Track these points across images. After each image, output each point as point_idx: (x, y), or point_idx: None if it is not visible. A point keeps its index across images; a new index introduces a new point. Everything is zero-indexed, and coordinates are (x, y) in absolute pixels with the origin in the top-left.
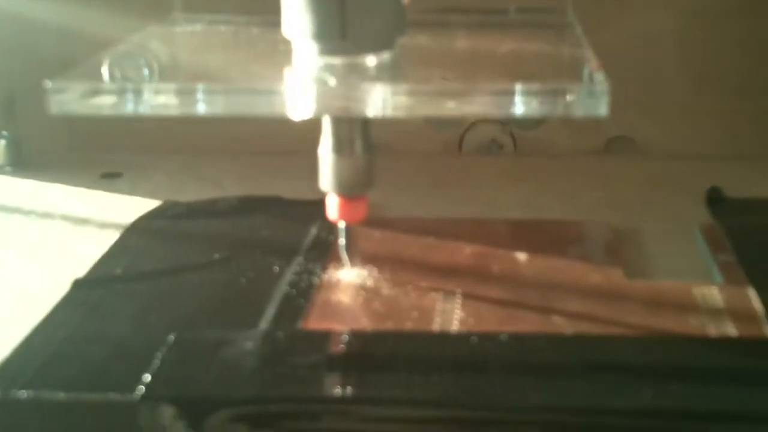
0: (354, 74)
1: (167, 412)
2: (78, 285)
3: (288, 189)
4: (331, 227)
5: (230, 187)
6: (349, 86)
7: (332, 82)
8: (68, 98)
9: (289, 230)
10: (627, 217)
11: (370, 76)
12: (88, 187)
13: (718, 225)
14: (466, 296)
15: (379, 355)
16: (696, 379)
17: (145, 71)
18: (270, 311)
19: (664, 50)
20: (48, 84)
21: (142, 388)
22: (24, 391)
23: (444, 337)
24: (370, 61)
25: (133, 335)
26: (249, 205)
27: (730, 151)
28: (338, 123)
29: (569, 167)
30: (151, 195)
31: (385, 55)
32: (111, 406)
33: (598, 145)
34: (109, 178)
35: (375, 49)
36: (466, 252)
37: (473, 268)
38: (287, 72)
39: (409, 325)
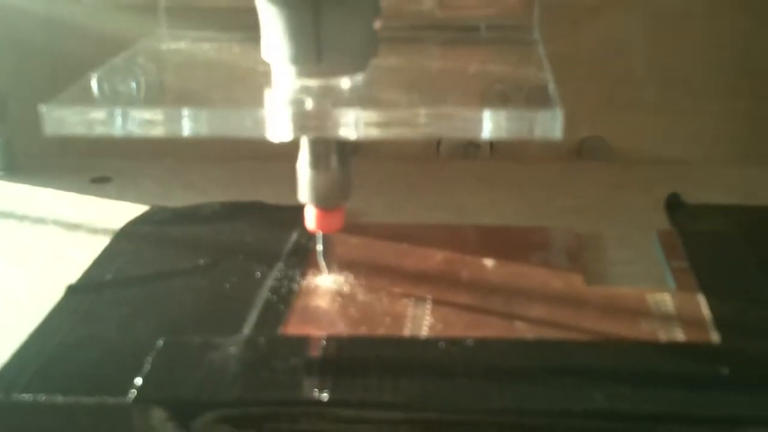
0: (329, 97)
1: (158, 415)
2: (71, 290)
3: (270, 195)
4: (310, 233)
5: (214, 192)
6: (323, 110)
7: (308, 105)
8: (62, 120)
9: (271, 236)
10: (591, 222)
11: (343, 98)
12: (79, 191)
13: (675, 231)
14: (436, 302)
15: (352, 359)
16: (645, 383)
17: (133, 87)
18: (252, 316)
19: (634, 53)
20: (42, 108)
21: (134, 392)
22: (23, 394)
23: (413, 342)
24: (345, 83)
25: (124, 339)
26: (232, 211)
27: (697, 154)
28: (314, 140)
29: (541, 171)
30: (139, 200)
31: (359, 77)
32: (105, 409)
33: (572, 143)
34: (98, 182)
35: (349, 71)
36: (436, 258)
37: (443, 274)
38: (267, 94)
39: (381, 331)
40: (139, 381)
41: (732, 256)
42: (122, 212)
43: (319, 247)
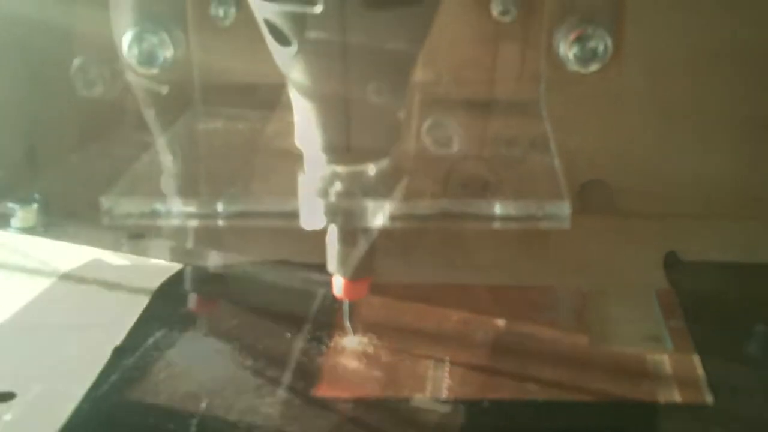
0: (356, 184)
1: None
2: (116, 351)
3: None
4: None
5: (244, 250)
6: (351, 202)
7: (338, 196)
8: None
9: (298, 295)
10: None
11: (370, 186)
12: (115, 248)
13: (673, 290)
14: (453, 363)
15: (379, 422)
16: None
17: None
18: (286, 377)
19: (635, 104)
20: (104, 202)
21: None
22: None
23: (435, 404)
24: (371, 169)
25: (168, 402)
26: (261, 270)
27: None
28: None
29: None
30: (170, 257)
31: (384, 162)
32: None
33: (575, 186)
34: (134, 239)
35: (375, 158)
36: (453, 318)
37: (459, 335)
38: (300, 181)
39: (405, 392)
40: None
41: (727, 315)
42: (157, 270)
43: (346, 314)
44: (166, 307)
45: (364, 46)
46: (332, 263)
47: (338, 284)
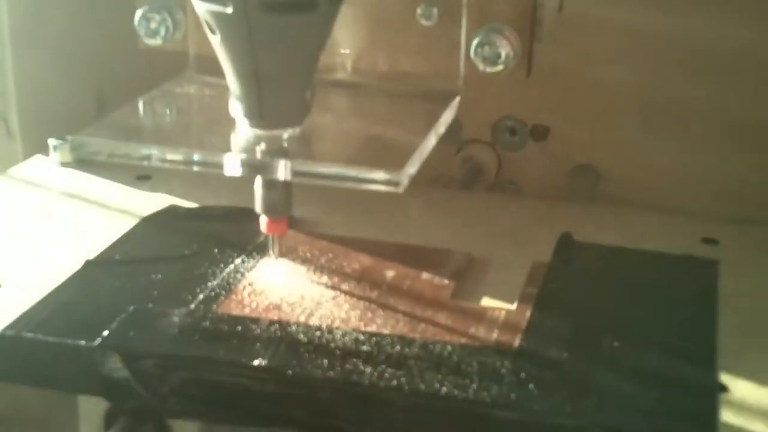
0: (274, 144)
1: (113, 358)
2: (87, 264)
3: None
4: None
5: (228, 196)
6: (264, 159)
7: (253, 153)
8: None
9: (246, 234)
10: (496, 251)
11: (282, 148)
12: (126, 183)
13: (551, 263)
14: (342, 295)
15: (251, 334)
16: (455, 373)
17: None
18: (201, 296)
19: (622, 96)
20: (72, 139)
21: (99, 340)
22: (27, 333)
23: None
24: (285, 134)
25: (110, 305)
26: (229, 213)
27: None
28: None
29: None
30: (169, 195)
31: (297, 130)
32: (79, 349)
33: (567, 168)
34: (141, 179)
35: (287, 125)
36: (353, 265)
37: (358, 275)
38: (231, 140)
39: (293, 315)
40: (105, 332)
41: (577, 287)
42: (155, 205)
43: (271, 243)
44: (141, 235)
45: (268, 40)
46: (258, 205)
47: (263, 222)
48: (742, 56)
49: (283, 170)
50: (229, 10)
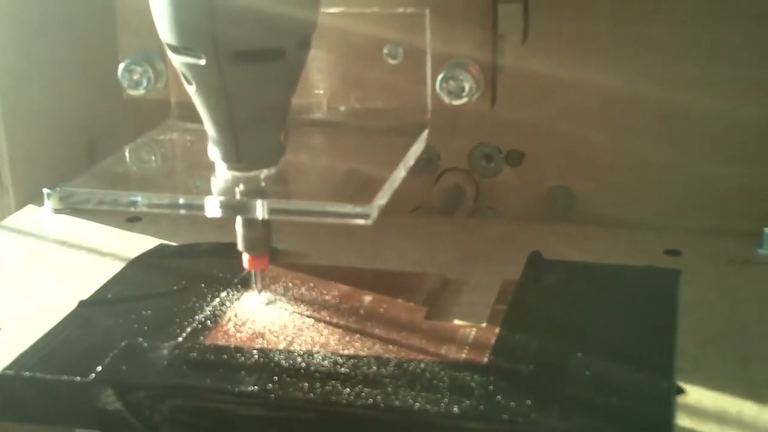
0: (249, 185)
1: (108, 392)
2: (81, 304)
3: None
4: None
5: (213, 233)
6: (242, 200)
7: (238, 195)
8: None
9: (231, 269)
10: (470, 272)
11: (259, 188)
12: (117, 226)
13: (520, 281)
14: (321, 323)
15: (236, 362)
16: (428, 389)
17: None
18: (188, 329)
19: (593, 120)
20: (60, 191)
21: (93, 375)
22: (27, 372)
23: (290, 353)
24: (262, 174)
25: (104, 342)
26: (215, 249)
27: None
28: None
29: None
30: (156, 236)
31: (273, 170)
32: (74, 386)
33: (543, 191)
34: (132, 221)
35: (264, 166)
36: (333, 292)
37: (337, 302)
38: (212, 181)
39: (275, 343)
40: (98, 368)
41: (544, 302)
42: (144, 245)
43: (254, 278)
44: (132, 274)
45: (241, 88)
46: (239, 243)
47: (245, 259)
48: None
49: (260, 209)
50: (203, 62)
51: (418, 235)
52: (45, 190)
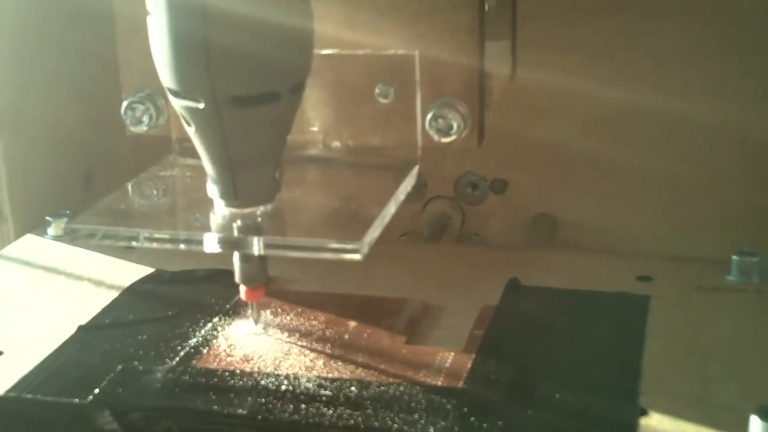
0: (246, 221)
1: (106, 414)
2: (80, 329)
3: None
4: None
5: (207, 259)
6: (239, 236)
7: (235, 232)
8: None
9: (224, 295)
10: (449, 297)
11: (256, 224)
12: (114, 254)
13: (498, 307)
14: (307, 349)
15: (226, 385)
16: (406, 411)
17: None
18: (182, 352)
19: (573, 147)
20: (66, 226)
21: (91, 397)
22: (27, 394)
23: (276, 376)
24: (259, 210)
25: (101, 365)
26: (210, 275)
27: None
28: None
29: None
30: (152, 264)
31: (269, 206)
32: (73, 407)
33: (528, 218)
34: (128, 249)
35: (260, 203)
36: (320, 318)
37: (323, 327)
38: (211, 217)
39: (263, 366)
40: (96, 391)
41: (520, 328)
42: (139, 272)
43: (252, 309)
44: (129, 300)
45: (238, 131)
46: (236, 276)
47: (242, 290)
48: (677, 113)
49: (257, 245)
50: (202, 105)
51: (404, 262)
52: (47, 218)
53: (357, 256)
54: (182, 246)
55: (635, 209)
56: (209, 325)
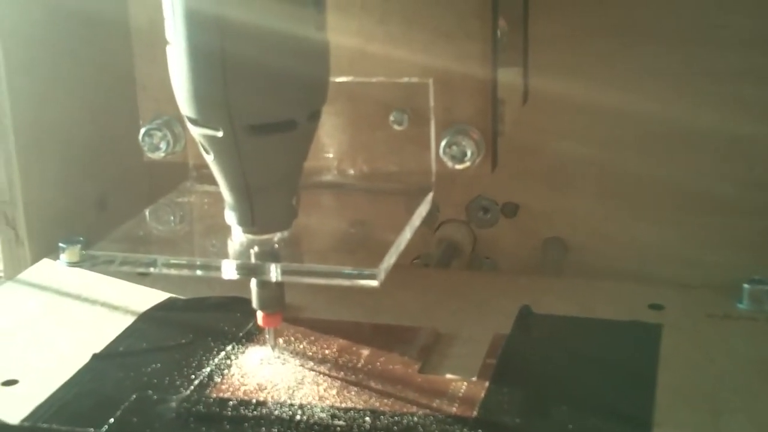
0: (263, 248)
1: None
2: (94, 357)
3: None
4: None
5: (220, 286)
6: (256, 263)
7: (252, 258)
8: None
9: (237, 323)
10: (462, 325)
11: (273, 251)
12: (129, 280)
13: (510, 335)
14: (324, 374)
15: (240, 414)
16: None
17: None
18: (196, 381)
19: (584, 171)
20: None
21: (105, 427)
22: (44, 424)
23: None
24: (276, 237)
25: (116, 394)
26: (223, 303)
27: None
28: None
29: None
30: (166, 289)
31: (286, 233)
32: None
33: (538, 241)
34: (143, 275)
35: (277, 230)
36: (333, 347)
37: (336, 356)
38: (228, 244)
39: (277, 396)
40: (111, 420)
41: (533, 356)
42: (155, 299)
43: (270, 335)
44: (143, 327)
45: (256, 158)
46: (254, 301)
47: (259, 316)
48: (691, 138)
49: (274, 272)
50: (220, 134)
51: (416, 288)
52: (60, 245)
53: (374, 283)
54: (199, 272)
55: (646, 233)
56: (222, 353)
